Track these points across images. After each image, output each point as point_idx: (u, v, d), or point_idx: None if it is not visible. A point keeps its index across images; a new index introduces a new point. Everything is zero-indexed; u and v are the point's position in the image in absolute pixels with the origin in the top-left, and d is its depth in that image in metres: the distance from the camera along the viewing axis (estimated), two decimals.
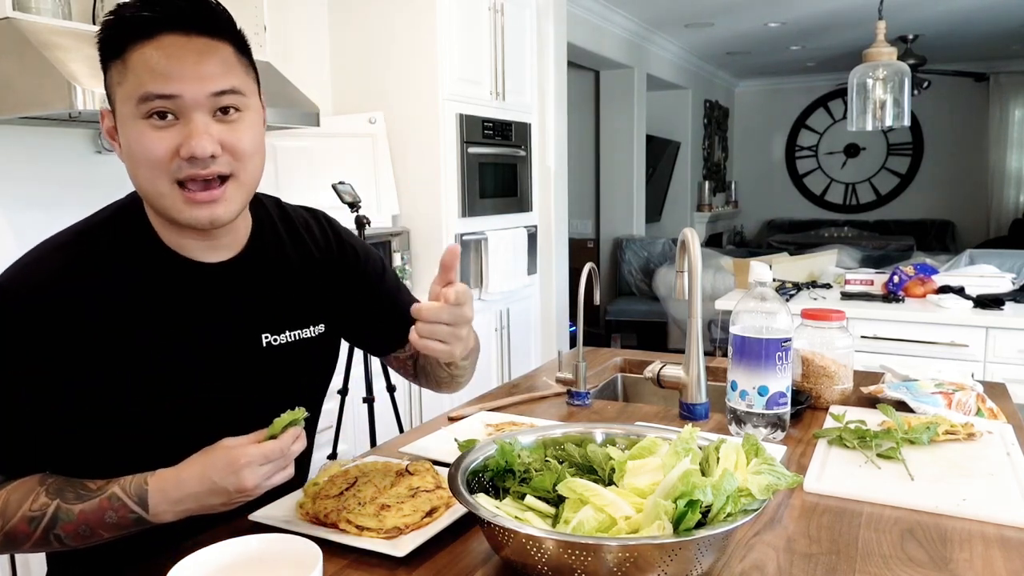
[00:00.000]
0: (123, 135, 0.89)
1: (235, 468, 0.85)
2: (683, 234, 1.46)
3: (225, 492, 0.86)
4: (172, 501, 0.87)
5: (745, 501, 0.80)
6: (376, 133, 3.04)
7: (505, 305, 3.43)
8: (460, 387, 1.27)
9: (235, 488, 0.85)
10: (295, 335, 1.06)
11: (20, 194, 2.13)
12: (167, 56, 0.85)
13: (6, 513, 0.86)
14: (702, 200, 7.71)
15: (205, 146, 0.86)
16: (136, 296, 0.92)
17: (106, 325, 0.90)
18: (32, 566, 1.84)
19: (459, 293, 0.91)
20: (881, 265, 4.56)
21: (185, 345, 0.95)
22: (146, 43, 0.85)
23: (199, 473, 0.86)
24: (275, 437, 0.88)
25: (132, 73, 0.86)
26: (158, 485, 0.87)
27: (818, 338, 1.49)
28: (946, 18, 5.60)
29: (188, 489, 0.86)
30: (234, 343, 1.00)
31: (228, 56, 0.90)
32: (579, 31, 4.85)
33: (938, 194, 8.10)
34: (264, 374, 1.03)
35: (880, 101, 3.29)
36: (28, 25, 1.84)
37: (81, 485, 0.88)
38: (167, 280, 0.95)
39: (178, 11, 0.86)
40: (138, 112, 0.86)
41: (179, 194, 0.89)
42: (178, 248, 0.96)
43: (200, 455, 0.88)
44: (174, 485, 0.87)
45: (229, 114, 0.90)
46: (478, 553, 0.92)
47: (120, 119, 0.89)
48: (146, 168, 0.88)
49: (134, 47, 0.86)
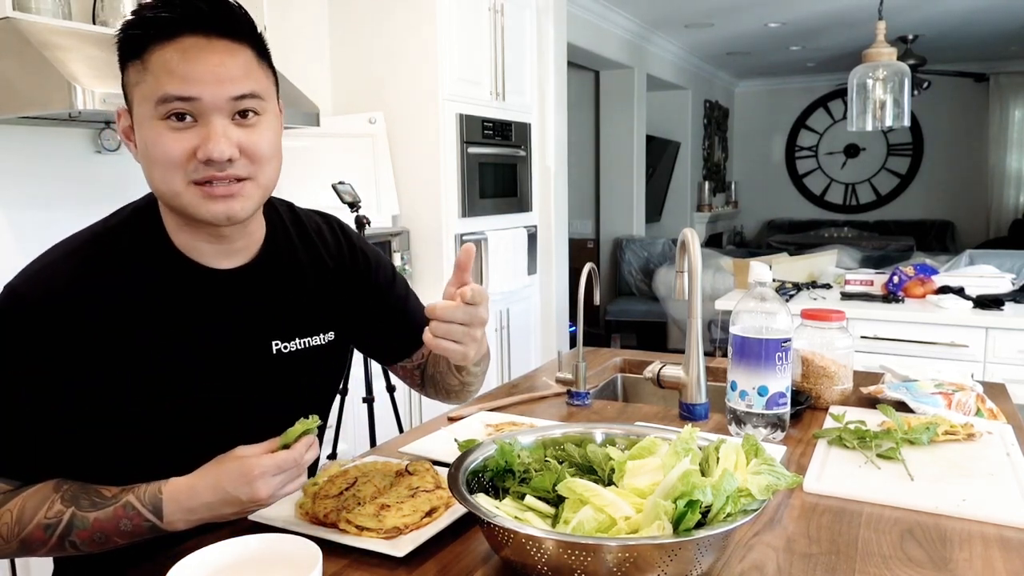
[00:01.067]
0: (140, 135, 0.88)
1: (249, 479, 0.85)
2: (683, 234, 1.46)
3: (238, 502, 0.86)
4: (185, 510, 0.87)
5: (745, 501, 0.80)
6: (376, 133, 3.04)
7: (505, 305, 3.43)
8: (471, 396, 1.25)
9: (248, 498, 0.86)
10: (305, 343, 1.05)
11: (20, 194, 2.13)
12: (187, 58, 0.85)
13: (22, 520, 0.86)
14: (702, 200, 7.71)
15: (223, 150, 0.86)
16: (148, 301, 0.92)
17: (119, 330, 0.90)
18: (32, 566, 1.84)
19: (475, 292, 0.89)
20: (881, 265, 4.55)
21: (196, 351, 0.95)
22: (166, 44, 0.85)
23: (212, 483, 0.86)
24: (288, 446, 0.89)
25: (151, 74, 0.85)
26: (172, 495, 0.87)
27: (818, 338, 1.49)
28: (946, 18, 5.60)
29: (202, 499, 0.87)
30: (245, 350, 1.00)
31: (248, 59, 0.90)
32: (579, 31, 4.85)
33: (938, 194, 8.10)
34: (273, 381, 1.03)
35: (880, 101, 3.29)
36: (28, 25, 1.84)
37: (96, 493, 0.88)
38: (180, 286, 0.95)
39: (199, 13, 0.86)
40: (156, 113, 0.86)
41: (196, 190, 0.88)
42: (191, 253, 0.96)
43: (213, 465, 0.88)
44: (188, 495, 0.87)
45: (248, 118, 0.89)
46: (478, 553, 0.92)
47: (137, 119, 0.88)
48: (162, 168, 0.87)
49: (154, 48, 0.85)
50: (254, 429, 0.93)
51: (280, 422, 0.92)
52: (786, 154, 8.80)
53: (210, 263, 0.97)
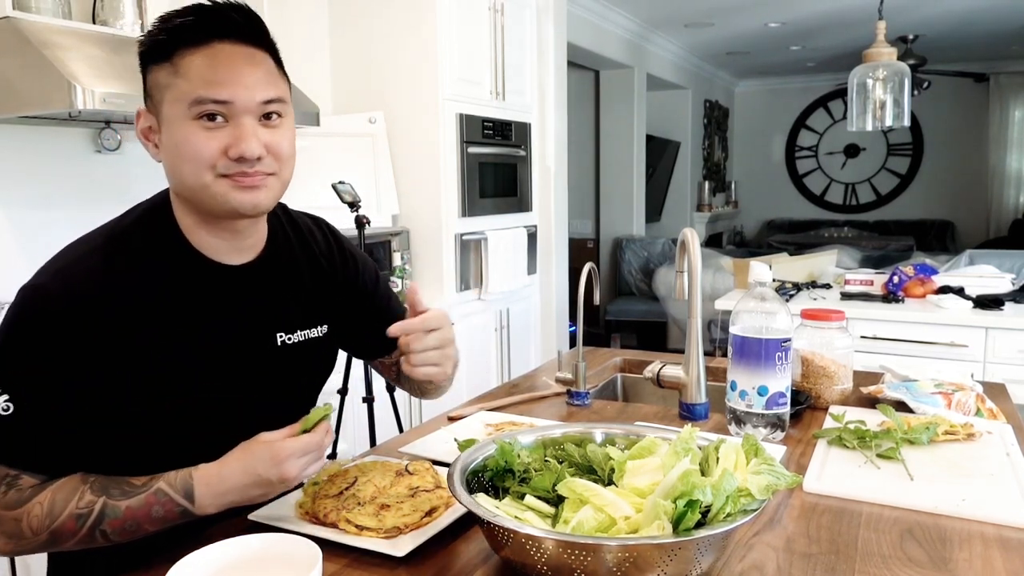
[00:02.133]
0: (169, 134, 0.93)
1: (278, 460, 0.91)
2: (683, 234, 1.46)
3: (268, 483, 0.92)
4: (216, 494, 0.92)
5: (745, 501, 0.80)
6: (376, 133, 3.04)
7: (505, 305, 3.43)
8: (442, 393, 1.31)
9: (278, 479, 0.92)
10: (305, 335, 1.11)
11: (20, 194, 2.13)
12: (219, 64, 0.91)
13: (53, 512, 0.88)
14: (702, 200, 7.71)
15: (254, 148, 0.92)
16: (166, 296, 0.96)
17: (141, 325, 0.93)
18: (32, 566, 1.84)
19: (436, 316, 1.01)
20: (881, 265, 4.55)
21: (211, 343, 1.00)
22: (197, 50, 0.91)
23: (242, 467, 0.92)
24: (308, 431, 0.94)
25: (183, 78, 0.91)
26: (203, 480, 0.92)
27: (818, 338, 1.49)
28: (946, 18, 5.60)
29: (232, 482, 0.92)
30: (253, 342, 1.05)
31: (271, 66, 0.97)
32: (579, 31, 4.85)
33: (938, 194, 8.10)
34: (277, 372, 1.08)
35: (880, 101, 3.29)
36: (28, 25, 1.84)
37: (125, 482, 0.92)
38: (194, 281, 0.99)
39: (230, 21, 0.93)
40: (189, 113, 0.91)
41: (226, 180, 0.93)
42: (206, 250, 1.00)
43: (240, 450, 0.93)
44: (217, 479, 0.92)
45: (272, 120, 0.96)
46: (478, 553, 0.92)
47: (167, 119, 0.93)
48: (193, 163, 0.92)
49: (184, 53, 0.91)
50: (256, 416, 1.00)
51: (279, 411, 1.00)
52: (786, 154, 8.80)
53: (223, 259, 1.02)
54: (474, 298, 3.22)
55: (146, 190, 1.06)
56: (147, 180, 2.44)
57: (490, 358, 3.35)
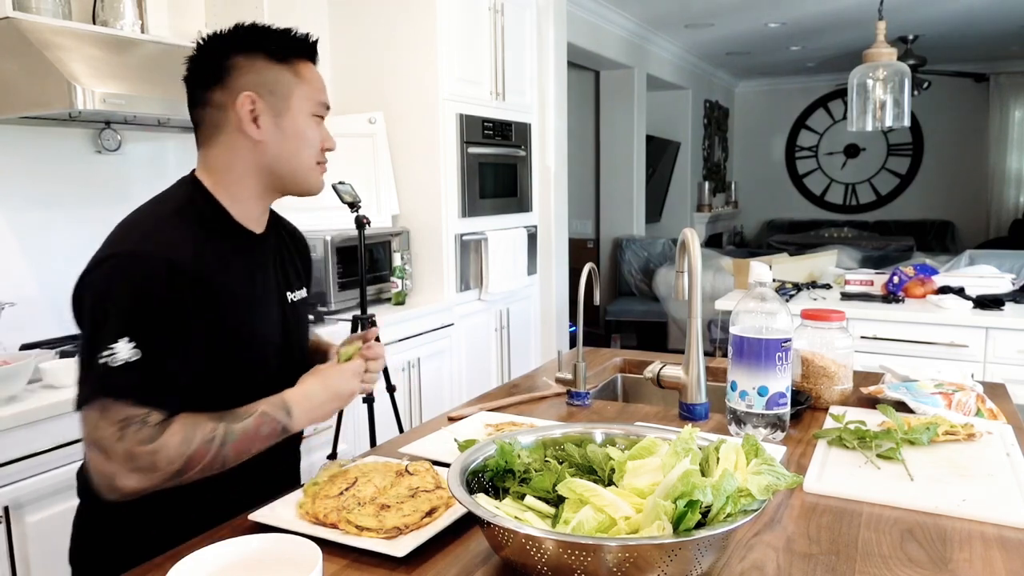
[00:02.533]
0: (292, 122, 1.13)
1: (347, 377, 1.16)
2: (683, 234, 1.46)
3: (342, 397, 1.15)
4: (305, 410, 1.11)
5: (745, 501, 0.80)
6: (376, 133, 3.04)
7: (505, 305, 3.43)
8: None
9: (349, 392, 1.16)
10: (299, 295, 1.29)
11: (20, 194, 2.13)
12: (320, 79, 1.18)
13: (188, 439, 1.00)
14: (702, 200, 7.70)
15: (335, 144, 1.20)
16: (228, 257, 1.12)
17: (219, 280, 1.09)
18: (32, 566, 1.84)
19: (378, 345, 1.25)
20: (881, 265, 4.56)
21: (258, 296, 1.17)
22: (306, 62, 1.16)
23: (322, 386, 1.14)
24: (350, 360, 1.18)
25: (307, 83, 1.15)
26: (294, 399, 1.11)
27: (818, 338, 1.49)
28: (946, 18, 5.60)
29: (316, 399, 1.12)
30: (278, 296, 1.23)
31: None
32: (579, 31, 4.85)
33: (938, 194, 8.10)
34: (290, 324, 1.25)
35: (880, 101, 3.29)
36: (28, 25, 1.84)
37: (232, 413, 1.06)
38: (240, 245, 1.16)
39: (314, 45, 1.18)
40: (313, 110, 1.16)
41: (318, 167, 1.19)
42: (243, 221, 1.17)
43: (311, 375, 1.15)
44: (304, 398, 1.11)
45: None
46: (478, 553, 0.92)
47: (293, 111, 1.13)
48: (312, 149, 1.16)
49: (298, 61, 1.15)
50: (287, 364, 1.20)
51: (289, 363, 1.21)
52: (786, 154, 8.80)
53: (252, 228, 1.18)
54: (474, 298, 3.23)
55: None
56: (147, 180, 2.44)
57: (490, 358, 3.35)
